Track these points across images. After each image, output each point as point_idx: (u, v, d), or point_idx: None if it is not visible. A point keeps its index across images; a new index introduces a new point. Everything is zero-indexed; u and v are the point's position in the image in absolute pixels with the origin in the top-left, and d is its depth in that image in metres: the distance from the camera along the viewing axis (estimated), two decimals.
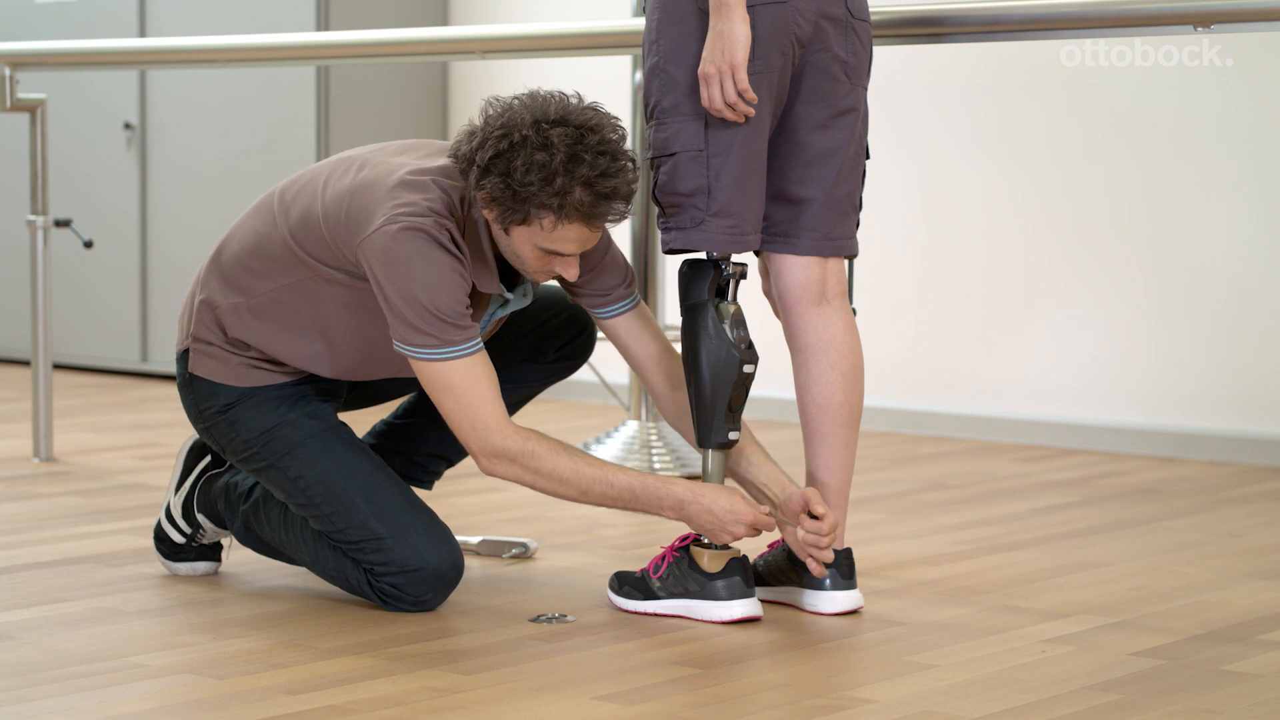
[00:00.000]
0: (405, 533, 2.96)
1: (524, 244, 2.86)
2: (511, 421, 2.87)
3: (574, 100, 2.86)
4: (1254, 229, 4.86)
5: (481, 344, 2.87)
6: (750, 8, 2.89)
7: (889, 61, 4.43)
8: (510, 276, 3.03)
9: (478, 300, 2.98)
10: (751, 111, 2.90)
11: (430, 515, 3.01)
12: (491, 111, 2.85)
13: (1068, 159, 5.12)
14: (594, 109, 2.85)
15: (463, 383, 2.84)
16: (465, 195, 2.89)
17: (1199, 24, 3.11)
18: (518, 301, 3.03)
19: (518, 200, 2.80)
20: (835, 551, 3.03)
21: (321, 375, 3.07)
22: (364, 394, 3.24)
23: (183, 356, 3.11)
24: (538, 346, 3.26)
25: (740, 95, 2.87)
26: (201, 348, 3.07)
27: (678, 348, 3.11)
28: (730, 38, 2.85)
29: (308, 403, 3.07)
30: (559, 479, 2.87)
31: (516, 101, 2.85)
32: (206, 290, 3.07)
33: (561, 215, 2.80)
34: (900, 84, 5.15)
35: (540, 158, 2.77)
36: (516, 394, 3.29)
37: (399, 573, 2.96)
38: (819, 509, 2.93)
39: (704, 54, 2.88)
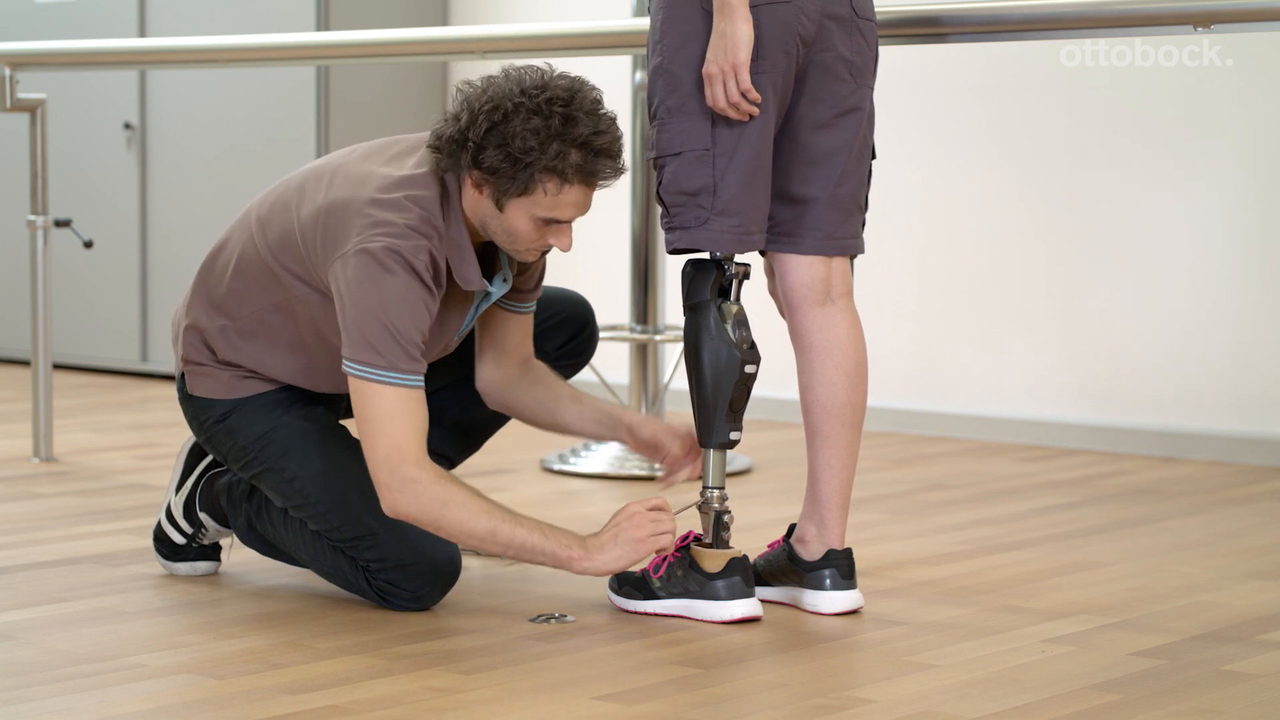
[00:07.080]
0: (400, 527, 2.95)
1: (521, 217, 2.85)
2: (429, 459, 2.83)
3: (547, 69, 2.88)
4: (1254, 229, 4.86)
5: (423, 383, 2.83)
6: (753, 8, 2.89)
7: (889, 61, 4.42)
8: (486, 269, 3.04)
9: (462, 299, 2.98)
10: (755, 111, 2.90)
11: None
12: (471, 91, 2.86)
13: (1068, 159, 5.11)
14: (567, 75, 2.87)
15: (393, 410, 2.79)
16: (443, 192, 2.89)
17: (1199, 24, 3.11)
18: (499, 289, 3.04)
19: (519, 168, 2.80)
20: (836, 551, 3.03)
21: (314, 390, 3.10)
22: None
23: (180, 376, 3.15)
24: (537, 346, 3.26)
25: (744, 95, 2.88)
26: (194, 369, 3.10)
27: (679, 347, 3.11)
28: (733, 38, 2.86)
29: (302, 406, 3.09)
30: (467, 513, 2.82)
31: (494, 78, 2.86)
32: (192, 315, 3.09)
33: (564, 178, 2.81)
34: (900, 84, 5.15)
35: (535, 123, 2.79)
36: None
37: (395, 567, 2.96)
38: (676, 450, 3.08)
39: (707, 54, 2.88)
